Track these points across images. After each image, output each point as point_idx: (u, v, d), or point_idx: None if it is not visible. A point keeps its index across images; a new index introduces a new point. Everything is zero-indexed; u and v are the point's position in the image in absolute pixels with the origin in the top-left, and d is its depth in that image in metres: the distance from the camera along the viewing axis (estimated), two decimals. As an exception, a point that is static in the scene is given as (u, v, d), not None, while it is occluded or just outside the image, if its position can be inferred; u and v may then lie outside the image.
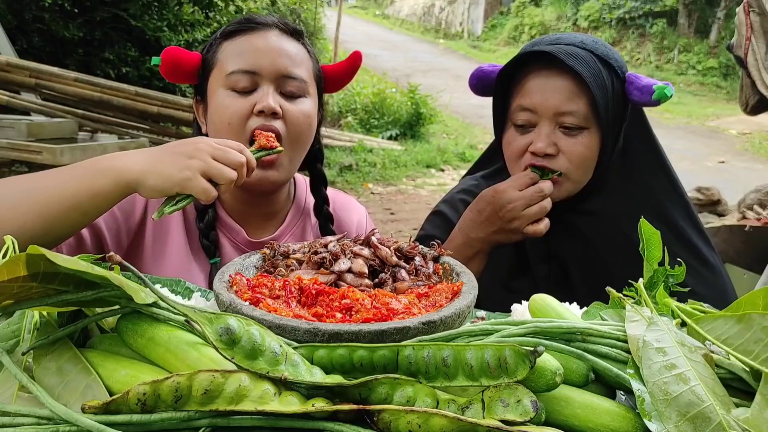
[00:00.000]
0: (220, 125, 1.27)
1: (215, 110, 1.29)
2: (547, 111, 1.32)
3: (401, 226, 6.24)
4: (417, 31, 25.58)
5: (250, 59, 1.26)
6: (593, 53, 1.32)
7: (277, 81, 1.28)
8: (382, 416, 0.60)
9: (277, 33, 1.31)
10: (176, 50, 1.31)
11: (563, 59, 1.28)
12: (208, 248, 1.33)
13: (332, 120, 10.49)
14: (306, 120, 1.31)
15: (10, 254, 0.79)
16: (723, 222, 3.51)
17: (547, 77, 1.32)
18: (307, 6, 12.67)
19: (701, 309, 0.81)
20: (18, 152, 6.11)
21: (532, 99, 1.33)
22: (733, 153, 10.66)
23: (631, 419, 0.64)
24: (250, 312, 0.78)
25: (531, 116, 1.34)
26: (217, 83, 1.29)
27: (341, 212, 1.54)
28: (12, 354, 0.69)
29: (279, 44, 1.29)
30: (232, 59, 1.28)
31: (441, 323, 0.78)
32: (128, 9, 8.19)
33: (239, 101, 1.25)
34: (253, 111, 1.25)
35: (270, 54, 1.27)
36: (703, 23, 17.81)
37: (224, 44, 1.31)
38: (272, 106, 1.24)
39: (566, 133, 1.32)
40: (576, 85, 1.30)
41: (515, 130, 1.38)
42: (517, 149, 1.37)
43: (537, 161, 1.34)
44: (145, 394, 0.59)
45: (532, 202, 1.29)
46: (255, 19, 1.32)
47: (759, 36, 2.54)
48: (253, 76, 1.26)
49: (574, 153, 1.32)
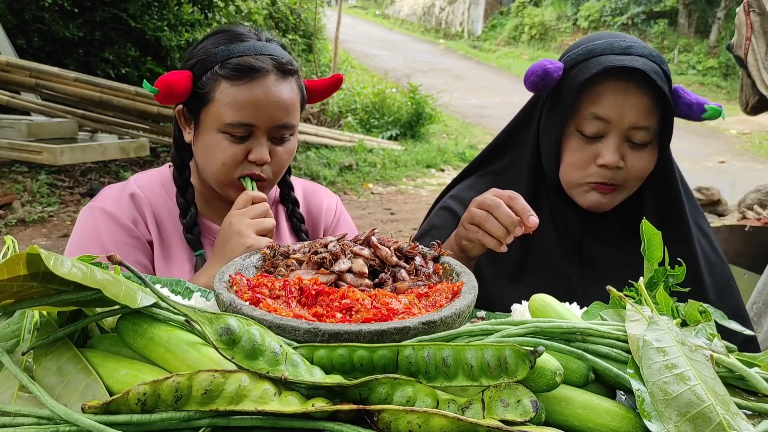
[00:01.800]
0: (213, 163, 1.37)
1: (210, 148, 1.36)
2: (621, 124, 1.29)
3: (401, 226, 6.24)
4: (417, 31, 25.59)
5: (248, 115, 1.33)
6: (660, 66, 1.30)
7: (271, 132, 1.37)
8: (382, 416, 0.60)
9: (274, 79, 1.35)
10: (170, 78, 1.35)
11: (651, 77, 1.25)
12: (192, 241, 1.42)
13: (332, 120, 10.49)
14: (289, 157, 1.43)
15: (10, 253, 0.79)
16: (723, 222, 3.51)
17: (625, 90, 1.28)
18: (307, 6, 12.67)
19: (702, 309, 0.81)
20: (18, 152, 6.12)
21: (607, 110, 1.29)
22: (733, 153, 10.66)
23: (631, 419, 0.64)
24: (250, 312, 0.78)
25: (603, 126, 1.30)
26: (212, 123, 1.35)
27: (311, 198, 1.66)
28: (12, 354, 0.69)
29: (276, 95, 1.34)
30: (231, 109, 1.32)
31: (441, 323, 0.78)
32: (128, 9, 8.19)
33: (235, 148, 1.35)
34: (247, 158, 1.36)
35: (268, 108, 1.34)
36: (703, 23, 17.81)
37: (223, 84, 1.33)
38: (265, 159, 1.36)
39: (632, 146, 1.31)
40: (652, 102, 1.28)
41: (581, 137, 1.34)
42: (583, 158, 1.33)
43: (605, 178, 1.31)
44: (145, 394, 0.59)
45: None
46: (254, 64, 1.33)
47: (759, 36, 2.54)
48: (249, 128, 1.34)
49: (638, 167, 1.32)
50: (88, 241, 1.37)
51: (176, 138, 1.46)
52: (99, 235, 1.36)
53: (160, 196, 1.45)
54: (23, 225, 5.48)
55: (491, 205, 1.15)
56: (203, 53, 1.38)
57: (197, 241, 1.42)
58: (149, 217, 1.42)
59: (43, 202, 5.95)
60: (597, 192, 1.34)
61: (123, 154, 6.88)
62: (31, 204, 5.86)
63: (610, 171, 1.31)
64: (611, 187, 1.34)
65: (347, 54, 16.37)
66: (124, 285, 0.69)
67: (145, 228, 1.41)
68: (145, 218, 1.42)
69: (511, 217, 1.12)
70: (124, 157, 7.01)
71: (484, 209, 1.16)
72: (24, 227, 5.45)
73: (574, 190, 1.38)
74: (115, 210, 1.39)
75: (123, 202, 1.41)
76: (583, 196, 1.36)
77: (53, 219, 5.68)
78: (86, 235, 1.38)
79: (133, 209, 1.41)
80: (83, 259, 0.73)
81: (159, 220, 1.43)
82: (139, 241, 1.39)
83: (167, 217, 1.44)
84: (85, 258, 0.74)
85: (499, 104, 13.97)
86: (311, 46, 12.22)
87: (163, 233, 1.43)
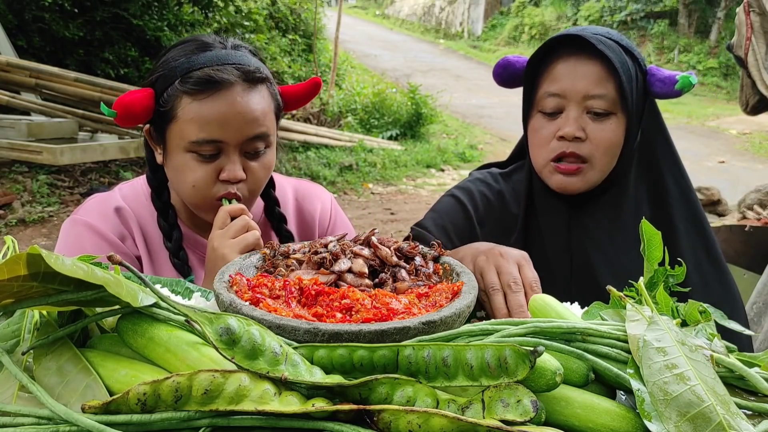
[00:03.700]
0: (184, 186, 1.28)
1: (179, 169, 1.27)
2: (575, 95, 1.32)
3: (401, 226, 6.24)
4: (417, 31, 25.58)
5: (215, 131, 1.22)
6: (619, 43, 1.34)
7: (242, 146, 1.26)
8: (382, 416, 0.60)
9: (240, 89, 1.24)
10: (128, 99, 1.25)
11: (594, 44, 1.29)
12: (179, 266, 1.35)
13: (332, 120, 10.48)
14: (267, 172, 1.33)
15: (10, 253, 0.79)
16: (723, 222, 3.51)
17: (575, 62, 1.33)
18: (307, 6, 12.67)
19: (702, 309, 0.81)
20: (18, 152, 6.12)
21: (560, 84, 1.34)
22: (733, 153, 10.66)
23: (631, 419, 0.64)
24: (250, 312, 0.78)
25: (559, 101, 1.34)
26: (178, 142, 1.25)
27: (303, 201, 1.56)
28: (12, 354, 0.69)
29: (244, 106, 1.24)
30: (194, 126, 1.22)
31: (441, 323, 0.78)
32: (128, 9, 8.19)
33: (204, 168, 1.25)
34: (219, 178, 1.26)
35: (235, 122, 1.23)
36: (703, 23, 17.81)
37: (184, 100, 1.23)
38: (238, 177, 1.26)
39: (594, 118, 1.33)
40: (604, 70, 1.31)
41: (542, 116, 1.38)
42: (544, 135, 1.37)
43: (566, 148, 1.33)
44: (145, 394, 0.59)
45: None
46: (216, 76, 1.23)
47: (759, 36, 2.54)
48: (218, 144, 1.24)
49: (602, 138, 1.32)
50: (73, 255, 1.31)
51: (149, 159, 1.37)
52: (84, 250, 1.26)
53: (146, 208, 1.38)
54: (23, 225, 5.48)
55: (504, 274, 1.06)
56: (163, 68, 1.27)
57: (185, 265, 1.35)
58: (136, 231, 1.35)
59: (43, 202, 5.95)
60: (560, 173, 1.35)
61: (123, 154, 6.88)
62: (31, 204, 5.86)
63: (571, 143, 1.33)
64: (574, 167, 1.34)
65: (347, 54, 16.36)
66: (125, 284, 0.69)
67: (132, 243, 1.34)
68: (132, 233, 1.35)
69: (521, 307, 1.01)
70: (124, 157, 7.01)
71: (499, 287, 1.05)
72: (24, 227, 5.45)
73: (543, 172, 1.40)
74: (100, 224, 1.32)
75: (108, 215, 1.34)
76: (550, 177, 1.38)
77: (53, 219, 5.69)
78: (71, 250, 1.30)
79: (118, 223, 1.34)
80: (83, 259, 0.73)
81: (146, 235, 1.36)
82: (126, 256, 1.32)
83: (154, 230, 1.37)
84: (84, 258, 0.74)
85: (499, 104, 13.97)
86: (311, 46, 12.23)
87: (151, 248, 1.37)
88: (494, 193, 1.51)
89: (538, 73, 1.40)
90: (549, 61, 1.38)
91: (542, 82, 1.38)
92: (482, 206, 1.49)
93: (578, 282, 1.40)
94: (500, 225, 1.47)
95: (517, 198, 1.49)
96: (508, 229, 1.46)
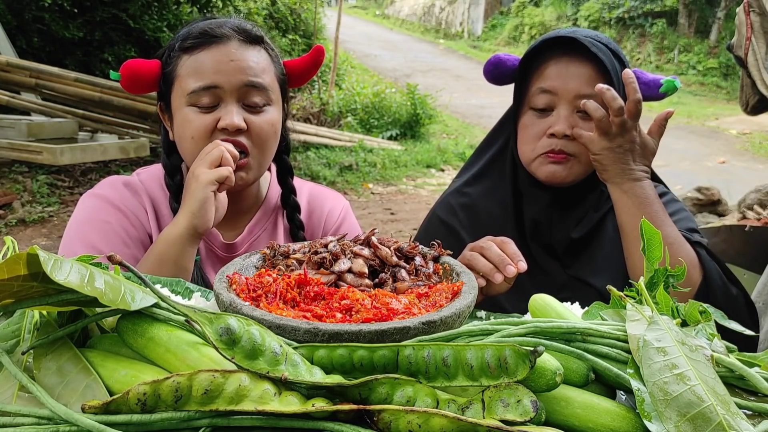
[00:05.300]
0: (185, 140, 1.31)
1: (180, 125, 1.31)
2: (567, 94, 1.35)
3: (401, 226, 6.24)
4: (417, 31, 25.58)
5: (210, 76, 1.26)
6: (607, 46, 1.37)
7: (239, 94, 1.28)
8: (382, 416, 0.60)
9: (237, 44, 1.29)
10: (135, 63, 1.31)
11: (587, 45, 1.32)
12: None
13: (332, 120, 10.48)
14: (271, 129, 1.34)
15: (10, 254, 0.78)
16: (723, 222, 3.51)
17: (568, 62, 1.36)
18: (307, 6, 12.67)
19: (702, 309, 0.81)
20: (18, 152, 6.12)
21: (552, 82, 1.36)
22: (733, 153, 10.65)
23: (631, 419, 0.64)
24: (250, 312, 0.78)
25: (550, 99, 1.37)
26: (180, 99, 1.29)
27: (314, 202, 1.57)
28: (12, 354, 0.69)
29: (239, 56, 1.27)
30: (192, 77, 1.26)
31: (441, 323, 0.78)
32: (128, 9, 8.19)
33: (202, 118, 1.27)
34: (217, 127, 1.28)
35: (230, 68, 1.26)
36: (703, 23, 17.81)
37: (183, 58, 1.29)
38: (236, 124, 1.26)
39: (584, 117, 1.35)
40: (595, 72, 1.35)
41: (533, 114, 1.40)
42: (535, 132, 1.39)
43: (555, 145, 1.35)
44: (145, 394, 0.59)
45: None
46: (212, 31, 1.28)
47: (759, 36, 2.54)
48: (215, 92, 1.27)
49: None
50: (88, 224, 1.32)
51: (164, 140, 1.42)
52: (100, 218, 1.32)
53: (161, 189, 1.43)
54: (23, 225, 5.48)
55: (483, 246, 1.18)
56: (169, 44, 1.35)
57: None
58: (150, 210, 1.39)
59: (43, 202, 5.95)
60: (552, 162, 1.37)
61: (123, 154, 6.88)
62: (31, 204, 5.86)
63: (560, 140, 1.36)
64: (563, 155, 1.36)
65: (347, 54, 16.36)
66: (123, 287, 0.69)
67: (146, 218, 1.38)
68: (146, 210, 1.39)
69: (499, 256, 1.14)
70: (124, 157, 7.01)
71: (477, 251, 1.18)
72: (24, 227, 5.44)
73: (531, 165, 1.42)
74: (117, 199, 1.36)
75: (124, 192, 1.38)
76: (539, 168, 1.40)
77: (53, 219, 5.68)
78: (87, 218, 1.33)
79: (134, 200, 1.38)
80: (82, 259, 0.73)
81: (159, 215, 1.40)
82: (140, 228, 1.35)
83: (167, 212, 1.41)
84: (84, 258, 0.74)
85: (499, 104, 13.96)
86: (311, 46, 12.21)
87: (162, 228, 1.38)
88: (472, 199, 1.53)
89: (530, 70, 1.42)
90: (541, 59, 1.40)
91: (534, 80, 1.41)
92: (465, 216, 1.52)
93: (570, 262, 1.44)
94: (489, 225, 1.48)
95: (497, 196, 1.51)
96: (499, 226, 1.47)
